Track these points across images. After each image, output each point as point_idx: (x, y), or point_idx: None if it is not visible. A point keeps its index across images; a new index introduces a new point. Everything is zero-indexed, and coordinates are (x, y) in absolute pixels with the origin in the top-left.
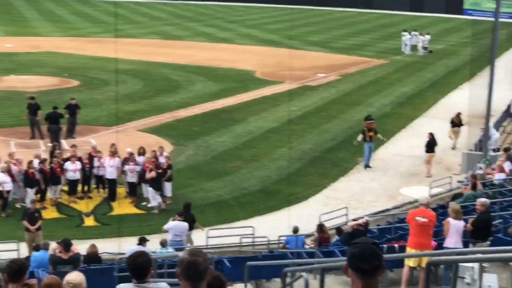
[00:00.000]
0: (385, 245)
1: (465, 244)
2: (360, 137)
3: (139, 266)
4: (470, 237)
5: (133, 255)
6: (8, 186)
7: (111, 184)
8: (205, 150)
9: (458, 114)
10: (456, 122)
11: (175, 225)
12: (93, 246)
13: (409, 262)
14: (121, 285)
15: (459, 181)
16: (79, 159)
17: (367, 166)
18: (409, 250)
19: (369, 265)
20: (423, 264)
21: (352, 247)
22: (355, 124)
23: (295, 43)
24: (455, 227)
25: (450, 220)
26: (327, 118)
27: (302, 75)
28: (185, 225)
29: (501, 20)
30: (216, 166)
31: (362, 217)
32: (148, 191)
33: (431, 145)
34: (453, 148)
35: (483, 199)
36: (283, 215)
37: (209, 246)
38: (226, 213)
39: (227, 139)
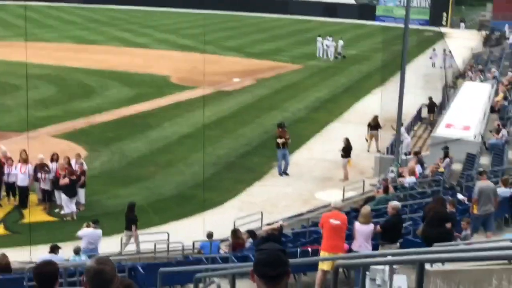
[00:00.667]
0: (299, 249)
1: (375, 247)
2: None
3: (45, 275)
4: (380, 239)
5: (39, 264)
6: None
7: (22, 191)
8: (120, 156)
9: (375, 117)
10: (373, 125)
11: (89, 232)
12: (3, 255)
13: (323, 266)
14: None
15: (371, 185)
16: None
17: (282, 173)
18: (323, 253)
19: (274, 271)
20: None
21: (258, 253)
22: (270, 129)
23: (210, 48)
24: (360, 231)
25: (356, 224)
26: (242, 123)
27: (217, 80)
28: (99, 232)
29: (411, 26)
30: (131, 172)
31: (277, 221)
32: (61, 198)
33: (347, 150)
34: (368, 150)
35: (394, 202)
36: (198, 220)
37: (123, 253)
38: (140, 219)
39: (141, 145)
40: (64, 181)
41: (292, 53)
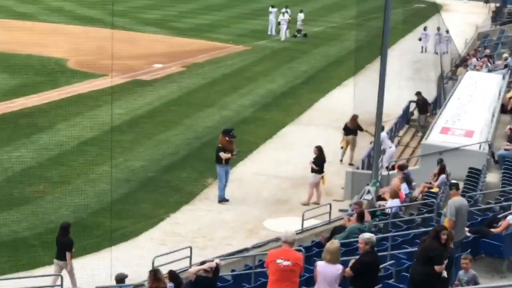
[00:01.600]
0: None
1: None
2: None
3: None
4: (350, 285)
5: None
6: None
7: None
8: None
9: (354, 117)
10: (351, 128)
11: None
12: None
13: None
14: None
15: (341, 210)
16: None
17: (222, 200)
18: None
19: None
20: None
21: None
22: (204, 133)
23: (122, 22)
24: (324, 273)
25: (319, 264)
26: (166, 124)
27: (131, 66)
28: None
29: None
30: (12, 191)
31: (212, 260)
32: None
33: (320, 163)
34: (350, 164)
35: (367, 235)
36: (104, 258)
37: None
38: (24, 257)
39: (27, 153)
40: None
41: (234, 29)
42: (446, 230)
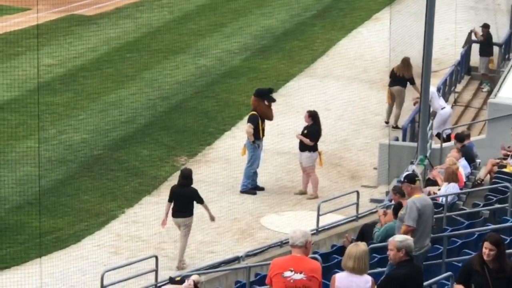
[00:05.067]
0: None
1: None
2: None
3: None
4: None
5: None
6: None
7: None
8: None
9: (406, 61)
10: (400, 76)
11: None
12: None
13: None
14: None
15: (373, 200)
16: None
17: (255, 188)
18: None
19: None
20: None
21: None
22: (173, 92)
23: None
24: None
25: (338, 276)
26: (117, 80)
27: None
28: None
29: None
30: None
31: (188, 275)
32: None
33: (313, 135)
34: (395, 126)
35: (399, 237)
36: (32, 273)
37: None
38: None
39: None
40: None
41: None
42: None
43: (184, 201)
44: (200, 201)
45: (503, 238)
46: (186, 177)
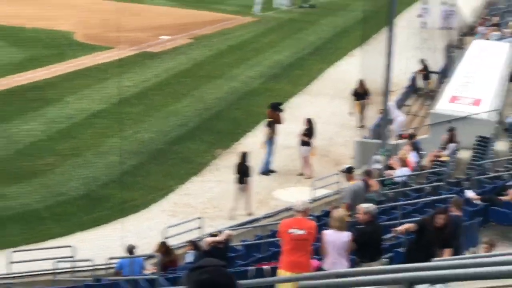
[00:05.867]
0: (253, 267)
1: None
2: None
3: None
4: (355, 255)
5: None
6: None
7: None
8: (5, 142)
9: (361, 82)
10: (360, 93)
11: None
12: None
13: None
14: None
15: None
16: None
17: (269, 171)
18: (282, 273)
19: None
20: None
21: (197, 272)
22: (213, 104)
23: None
24: (332, 241)
25: (326, 232)
26: (174, 96)
27: (139, 38)
28: None
29: None
30: (22, 164)
31: (221, 231)
32: None
33: (310, 135)
34: (360, 126)
35: (366, 205)
36: (115, 229)
37: (11, 275)
38: (36, 229)
39: (37, 127)
40: None
41: (242, 1)
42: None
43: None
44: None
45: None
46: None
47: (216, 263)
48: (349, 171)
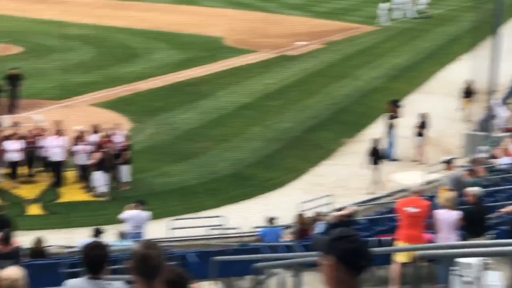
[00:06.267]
0: (374, 238)
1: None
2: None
3: (95, 257)
4: (463, 230)
5: (88, 245)
6: None
7: (57, 167)
8: (168, 129)
9: (470, 83)
10: (469, 91)
11: (134, 215)
12: (38, 240)
13: (399, 258)
14: (71, 280)
15: (460, 166)
16: (22, 137)
17: (390, 159)
18: (399, 244)
19: (367, 261)
20: (413, 260)
21: (343, 241)
22: (340, 100)
23: (271, 6)
24: (445, 219)
25: (438, 211)
26: (308, 92)
27: (279, 43)
28: (146, 215)
29: None
30: (181, 147)
31: (348, 207)
32: (94, 175)
33: (424, 127)
34: (468, 120)
35: (472, 188)
36: (258, 203)
37: (172, 239)
38: (192, 201)
39: (193, 116)
40: (95, 155)
41: (366, 12)
42: None
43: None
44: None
45: None
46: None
47: (354, 233)
48: (448, 162)
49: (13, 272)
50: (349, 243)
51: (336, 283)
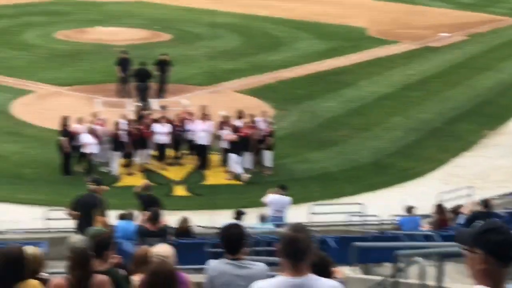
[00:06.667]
0: None
1: None
2: None
3: (232, 237)
4: None
5: (226, 226)
6: (92, 148)
7: (202, 151)
8: (310, 116)
9: None
10: None
11: (276, 199)
12: (185, 219)
13: None
14: (213, 261)
15: None
16: (170, 121)
17: None
18: None
19: None
20: None
21: (493, 233)
22: (483, 92)
23: None
24: None
25: None
26: (450, 84)
27: (422, 34)
28: (287, 199)
29: None
30: (322, 135)
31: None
32: (230, 158)
33: None
34: None
35: None
36: (397, 192)
37: (312, 224)
38: (332, 188)
39: (335, 105)
40: (230, 136)
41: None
42: None
43: None
44: None
45: None
46: None
47: (502, 224)
48: None
49: (164, 249)
50: (499, 234)
51: (485, 276)
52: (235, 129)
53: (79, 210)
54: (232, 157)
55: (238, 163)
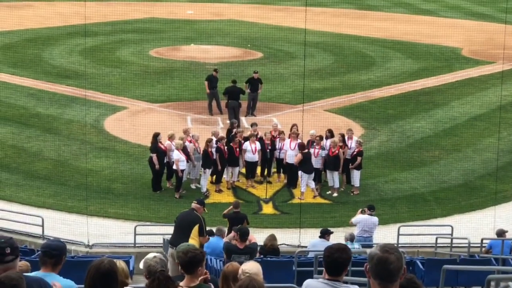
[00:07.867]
0: None
1: None
2: None
3: (339, 260)
4: None
5: (334, 247)
6: (183, 165)
7: (291, 169)
8: (400, 136)
9: None
10: None
11: (364, 218)
12: (272, 237)
13: None
14: (310, 280)
15: None
16: (260, 139)
17: None
18: None
19: None
20: None
21: None
22: None
23: (510, 17)
24: None
25: None
26: None
27: None
28: (375, 220)
29: None
30: (412, 155)
31: None
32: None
33: None
34: None
35: None
36: (488, 215)
37: (400, 244)
38: (421, 209)
39: (425, 125)
40: (297, 157)
41: None
42: None
43: None
44: None
45: None
46: None
47: None
48: None
49: (252, 266)
50: None
51: None
52: (302, 146)
53: (177, 224)
54: (304, 176)
55: (307, 180)
